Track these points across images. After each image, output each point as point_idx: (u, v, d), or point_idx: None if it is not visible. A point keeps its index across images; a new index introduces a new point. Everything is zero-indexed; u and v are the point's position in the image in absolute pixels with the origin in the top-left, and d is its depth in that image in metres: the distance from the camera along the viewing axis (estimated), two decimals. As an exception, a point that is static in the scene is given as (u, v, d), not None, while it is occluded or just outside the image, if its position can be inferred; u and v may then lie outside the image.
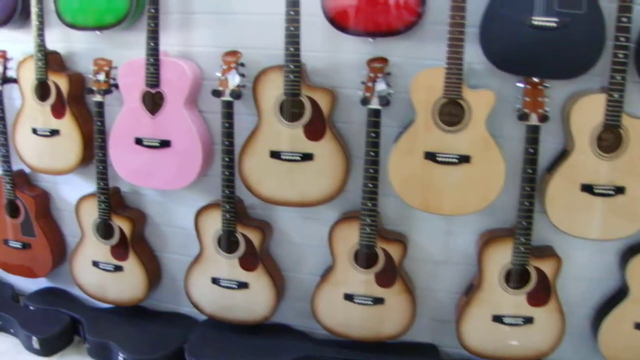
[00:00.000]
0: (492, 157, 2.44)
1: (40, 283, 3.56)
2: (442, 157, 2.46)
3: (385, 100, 2.43)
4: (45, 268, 3.36)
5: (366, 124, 2.48)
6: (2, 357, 3.18)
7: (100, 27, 2.81)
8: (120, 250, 3.06)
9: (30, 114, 3.05)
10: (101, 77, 2.83)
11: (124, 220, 3.02)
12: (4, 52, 3.09)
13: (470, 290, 2.68)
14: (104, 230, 3.05)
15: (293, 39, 2.47)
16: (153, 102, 2.77)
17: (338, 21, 2.48)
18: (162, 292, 3.27)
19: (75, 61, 3.07)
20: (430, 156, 2.47)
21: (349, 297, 2.74)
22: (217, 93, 2.60)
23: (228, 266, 2.86)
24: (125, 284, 3.11)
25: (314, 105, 2.54)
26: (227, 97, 2.60)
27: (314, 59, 2.65)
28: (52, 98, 2.97)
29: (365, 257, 2.66)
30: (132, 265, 3.07)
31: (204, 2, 2.77)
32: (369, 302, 2.72)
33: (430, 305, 2.89)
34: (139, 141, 2.82)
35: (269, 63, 2.61)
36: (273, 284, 2.85)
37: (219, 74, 2.61)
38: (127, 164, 2.90)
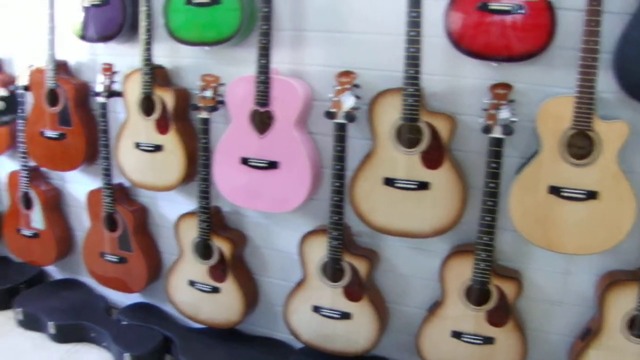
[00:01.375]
0: (622, 194, 2.26)
1: (133, 297, 3.54)
2: (568, 192, 2.30)
3: (508, 129, 2.28)
4: (140, 283, 3.34)
5: (487, 153, 2.33)
6: (93, 371, 3.18)
7: (211, 43, 2.75)
8: (218, 271, 2.98)
9: (134, 128, 3.02)
10: (208, 93, 2.77)
11: (224, 241, 2.94)
12: (111, 65, 3.08)
13: (588, 334, 2.50)
14: (203, 250, 2.98)
15: (413, 60, 2.34)
16: (261, 121, 2.69)
17: (461, 43, 2.35)
18: (257, 316, 3.19)
19: (182, 76, 3.03)
20: (555, 191, 2.31)
21: (456, 335, 2.59)
22: (330, 115, 2.49)
23: (331, 295, 2.75)
24: (221, 305, 3.04)
25: (433, 131, 2.41)
26: (340, 120, 2.49)
27: (433, 83, 2.52)
28: (156, 113, 2.93)
29: (477, 294, 2.51)
30: (229, 288, 2.99)
31: (318, 20, 2.68)
32: (478, 341, 2.57)
33: (542, 348, 2.71)
34: (244, 161, 2.74)
35: (385, 85, 2.50)
36: (377, 316, 2.72)
37: (332, 95, 2.51)
38: (231, 184, 2.82)
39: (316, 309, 2.80)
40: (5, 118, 1.23)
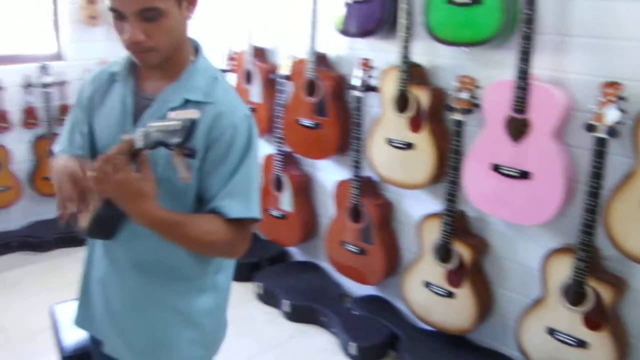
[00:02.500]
0: None
1: (367, 289, 3.60)
2: None
3: None
4: (376, 277, 3.38)
5: None
6: (319, 354, 3.30)
7: (469, 44, 2.71)
8: (455, 276, 2.94)
9: (387, 124, 3.06)
10: (464, 95, 2.72)
11: (465, 246, 2.89)
12: (368, 60, 3.13)
13: None
14: (443, 253, 2.95)
15: (693, 75, 2.13)
16: (517, 128, 2.59)
17: None
18: (488, 327, 3.09)
19: (438, 76, 3.01)
20: None
21: None
22: (590, 127, 2.34)
23: (569, 319, 2.57)
24: (453, 311, 2.99)
25: None
26: (601, 134, 2.32)
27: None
28: (411, 111, 2.94)
29: None
30: (464, 294, 2.93)
31: (583, 25, 2.52)
32: None
33: None
34: (496, 167, 2.67)
35: (655, 100, 2.30)
36: (617, 350, 2.49)
37: (594, 107, 2.35)
38: (479, 189, 2.77)
39: (551, 332, 2.65)
40: (175, 139, 1.27)
